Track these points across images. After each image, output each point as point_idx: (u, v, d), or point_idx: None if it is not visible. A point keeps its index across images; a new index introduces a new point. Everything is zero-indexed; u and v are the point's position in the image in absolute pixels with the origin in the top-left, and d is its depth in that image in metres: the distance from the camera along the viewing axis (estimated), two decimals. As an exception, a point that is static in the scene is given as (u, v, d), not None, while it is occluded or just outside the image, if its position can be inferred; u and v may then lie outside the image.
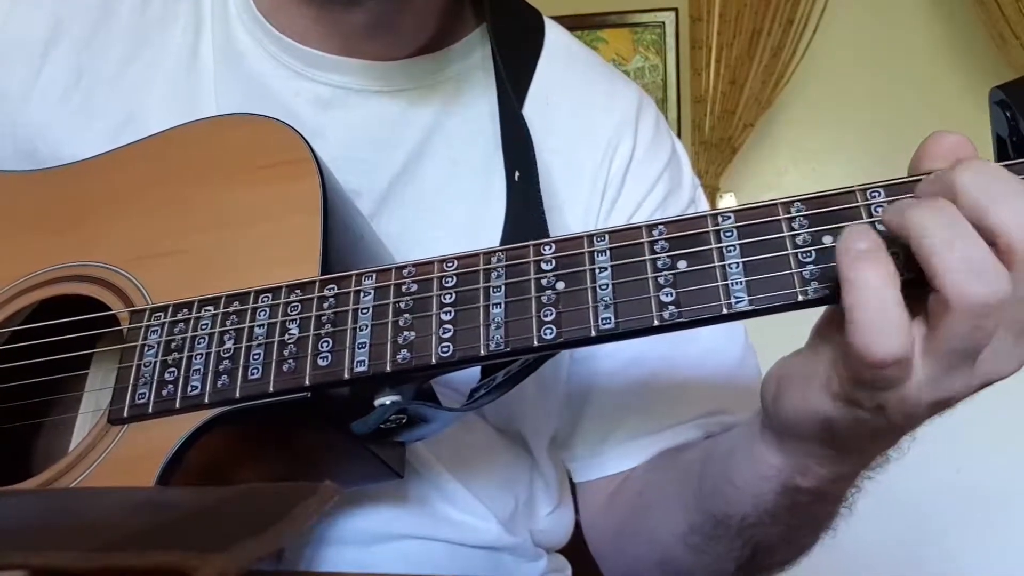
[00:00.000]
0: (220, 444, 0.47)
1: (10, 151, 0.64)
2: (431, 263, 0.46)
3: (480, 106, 0.66)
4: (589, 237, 0.44)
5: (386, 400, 0.46)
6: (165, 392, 0.47)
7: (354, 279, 0.47)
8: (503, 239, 0.57)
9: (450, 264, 0.46)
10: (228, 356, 0.47)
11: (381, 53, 0.63)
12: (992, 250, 0.35)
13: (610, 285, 0.43)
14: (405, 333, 0.45)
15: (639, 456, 0.66)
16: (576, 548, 0.77)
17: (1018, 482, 2.20)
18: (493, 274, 0.45)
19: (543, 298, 0.44)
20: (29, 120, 0.64)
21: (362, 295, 0.46)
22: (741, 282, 0.41)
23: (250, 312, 0.48)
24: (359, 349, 0.45)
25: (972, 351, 0.37)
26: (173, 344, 0.48)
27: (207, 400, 0.46)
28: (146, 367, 0.48)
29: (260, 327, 0.47)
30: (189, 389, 0.46)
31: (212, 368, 0.47)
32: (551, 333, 0.43)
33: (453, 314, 0.45)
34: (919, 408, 0.39)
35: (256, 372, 0.46)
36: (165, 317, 0.49)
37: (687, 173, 0.73)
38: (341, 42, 0.62)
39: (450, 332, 0.44)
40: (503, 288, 0.45)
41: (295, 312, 0.47)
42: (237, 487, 0.41)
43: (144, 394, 0.47)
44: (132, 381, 0.48)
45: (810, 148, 2.51)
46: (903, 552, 2.14)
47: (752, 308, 0.40)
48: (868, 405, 0.40)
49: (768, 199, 0.42)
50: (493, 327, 0.44)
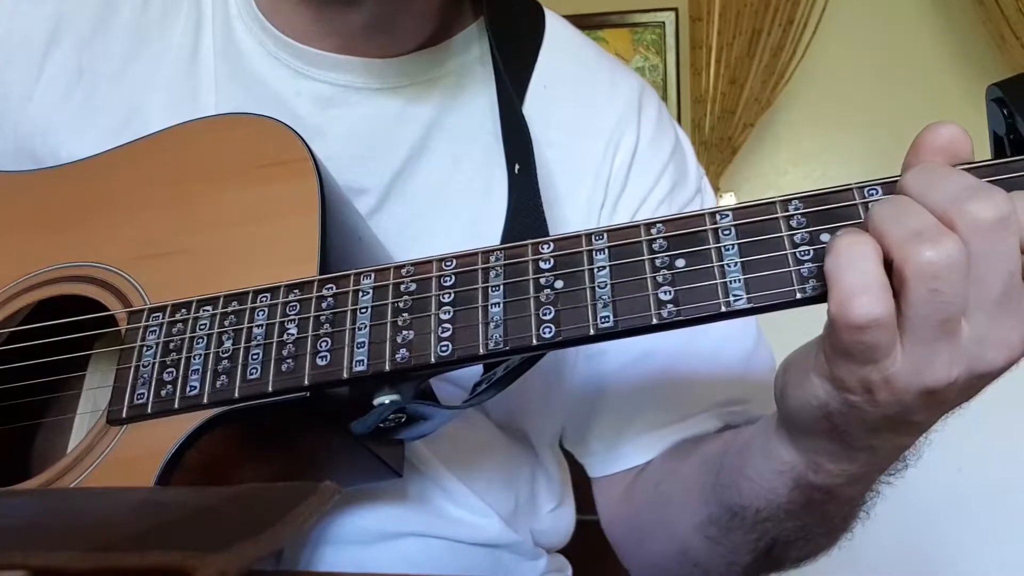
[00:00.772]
0: (219, 444, 0.47)
1: (11, 149, 0.64)
2: (429, 262, 0.46)
3: (480, 100, 0.66)
4: (587, 236, 0.44)
5: (385, 399, 0.46)
6: (164, 392, 0.47)
7: (352, 279, 0.47)
8: (504, 232, 0.57)
9: (448, 263, 0.46)
10: (227, 356, 0.47)
11: (380, 51, 0.63)
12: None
13: (609, 284, 0.43)
14: (404, 332, 0.45)
15: (656, 448, 0.65)
16: (576, 548, 0.77)
17: (1020, 481, 2.20)
18: (492, 273, 0.45)
19: (542, 297, 0.44)
20: (31, 119, 0.64)
21: (361, 295, 0.46)
22: (739, 280, 0.41)
23: (248, 312, 0.48)
24: (358, 348, 0.45)
25: (942, 322, 0.37)
26: (171, 344, 0.48)
27: (206, 400, 0.46)
28: (144, 367, 0.48)
29: (259, 327, 0.47)
30: (188, 389, 0.46)
31: (211, 368, 0.47)
32: (550, 332, 0.43)
33: (452, 313, 0.45)
34: (908, 394, 0.39)
35: (255, 372, 0.46)
36: (163, 317, 0.49)
37: (692, 162, 0.72)
38: (340, 41, 0.62)
39: (449, 331, 0.44)
40: (502, 287, 0.45)
41: (294, 312, 0.47)
42: (237, 487, 0.40)
43: (143, 394, 0.47)
44: (131, 381, 0.48)
45: (810, 148, 2.51)
46: (903, 552, 2.13)
47: (750, 306, 0.41)
48: (852, 383, 0.40)
49: (766, 197, 0.42)
50: (492, 326, 0.44)
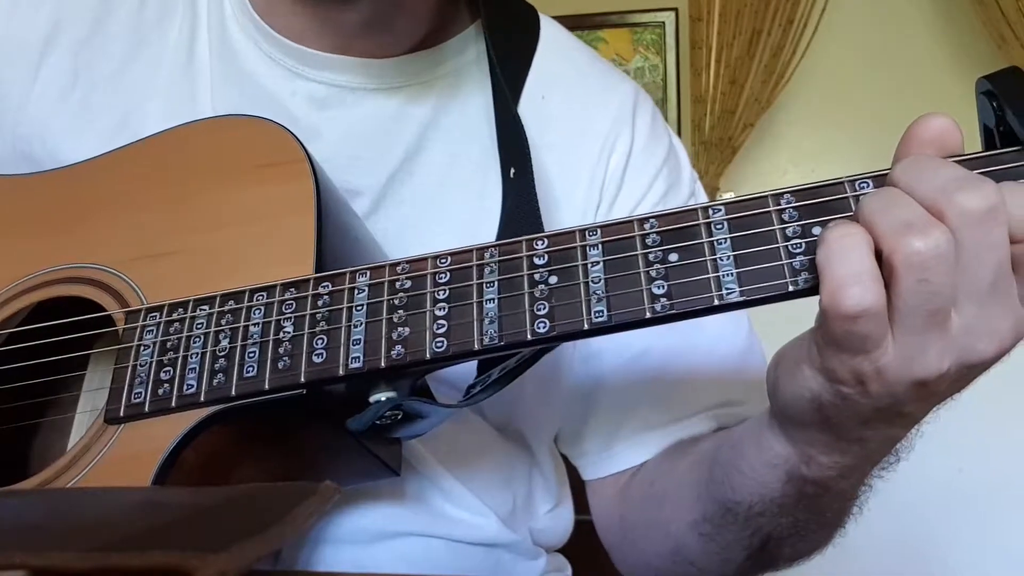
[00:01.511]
0: (216, 442, 0.47)
1: (9, 151, 0.64)
2: (424, 260, 0.47)
3: (476, 102, 0.66)
4: (581, 232, 0.45)
5: (381, 396, 0.47)
6: (161, 391, 0.47)
7: (348, 276, 0.47)
8: (499, 235, 0.57)
9: (443, 260, 0.46)
10: (223, 355, 0.47)
11: (376, 51, 0.63)
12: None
13: (602, 279, 0.43)
14: (400, 329, 0.45)
15: (650, 450, 0.66)
16: (576, 548, 0.77)
17: (1020, 481, 2.19)
18: (486, 270, 0.45)
19: (536, 292, 0.44)
20: (29, 120, 0.64)
21: (356, 292, 0.47)
22: (732, 274, 0.41)
23: (245, 311, 0.48)
24: (354, 346, 0.45)
25: (932, 313, 0.37)
26: (169, 344, 0.48)
27: (203, 399, 0.46)
28: (142, 367, 0.48)
29: (255, 326, 0.47)
30: (185, 388, 0.47)
31: (208, 367, 0.47)
32: (544, 327, 0.43)
33: (447, 310, 0.45)
34: (899, 385, 0.39)
35: (251, 370, 0.46)
36: (160, 317, 0.49)
37: (686, 167, 0.73)
38: (336, 41, 0.63)
39: (444, 327, 0.44)
40: (496, 283, 0.45)
41: (290, 310, 0.47)
42: (237, 487, 0.41)
43: (140, 393, 0.47)
44: (128, 381, 0.48)
45: (810, 148, 2.51)
46: (903, 552, 2.12)
47: (743, 299, 0.41)
48: (844, 374, 0.40)
49: (758, 192, 0.42)
50: (487, 322, 0.44)
